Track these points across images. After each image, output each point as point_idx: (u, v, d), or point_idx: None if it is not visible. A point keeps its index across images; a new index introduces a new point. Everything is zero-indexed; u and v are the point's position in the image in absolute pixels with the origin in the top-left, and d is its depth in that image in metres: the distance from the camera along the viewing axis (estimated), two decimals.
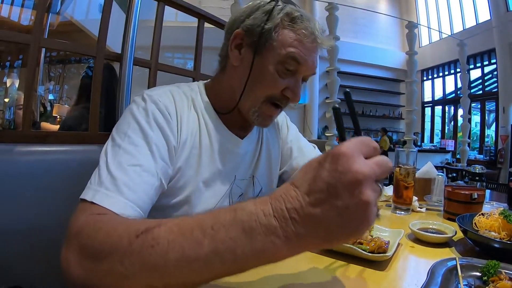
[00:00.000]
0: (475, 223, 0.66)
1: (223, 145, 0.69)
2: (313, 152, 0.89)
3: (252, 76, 0.64)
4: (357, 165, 0.31)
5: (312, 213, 0.32)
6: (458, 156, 6.07)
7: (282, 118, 0.89)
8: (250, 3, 0.67)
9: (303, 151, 0.87)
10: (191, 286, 0.36)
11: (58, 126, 2.27)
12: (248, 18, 0.65)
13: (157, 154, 0.57)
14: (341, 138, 0.38)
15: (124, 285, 0.37)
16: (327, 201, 0.31)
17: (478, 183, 1.15)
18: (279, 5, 0.64)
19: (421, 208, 0.96)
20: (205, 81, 0.76)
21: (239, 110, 0.68)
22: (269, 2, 0.64)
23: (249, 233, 0.33)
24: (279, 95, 0.65)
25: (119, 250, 0.36)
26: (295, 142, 0.87)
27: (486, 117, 7.92)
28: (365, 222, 0.32)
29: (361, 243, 0.55)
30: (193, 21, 1.65)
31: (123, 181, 0.50)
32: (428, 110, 9.80)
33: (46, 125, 2.35)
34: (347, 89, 0.41)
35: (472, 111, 6.99)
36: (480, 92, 7.89)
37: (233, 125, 0.71)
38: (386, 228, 0.65)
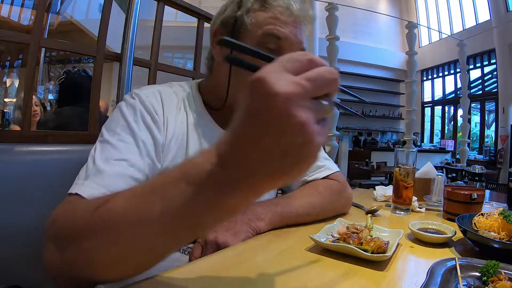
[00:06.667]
0: (474, 223, 0.66)
1: (212, 142, 0.68)
2: None
3: (234, 67, 0.63)
4: (276, 86, 0.25)
5: (240, 155, 0.29)
6: (457, 156, 6.06)
7: None
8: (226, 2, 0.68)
9: None
10: (155, 255, 0.35)
11: None
12: (223, 14, 0.65)
13: (144, 152, 0.57)
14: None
15: (97, 262, 0.36)
16: (253, 145, 0.28)
17: (478, 183, 1.15)
18: None
19: (420, 208, 0.95)
20: (200, 80, 0.76)
21: (232, 107, 0.67)
22: None
23: (197, 184, 0.30)
24: None
25: (80, 230, 0.37)
26: None
27: (486, 117, 7.92)
28: (307, 149, 0.26)
29: (361, 243, 0.55)
30: (193, 21, 1.65)
31: (108, 174, 0.50)
32: (428, 110, 9.80)
33: None
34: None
35: (472, 111, 7.00)
36: (480, 92, 7.89)
37: (226, 123, 0.70)
38: (386, 228, 0.65)
